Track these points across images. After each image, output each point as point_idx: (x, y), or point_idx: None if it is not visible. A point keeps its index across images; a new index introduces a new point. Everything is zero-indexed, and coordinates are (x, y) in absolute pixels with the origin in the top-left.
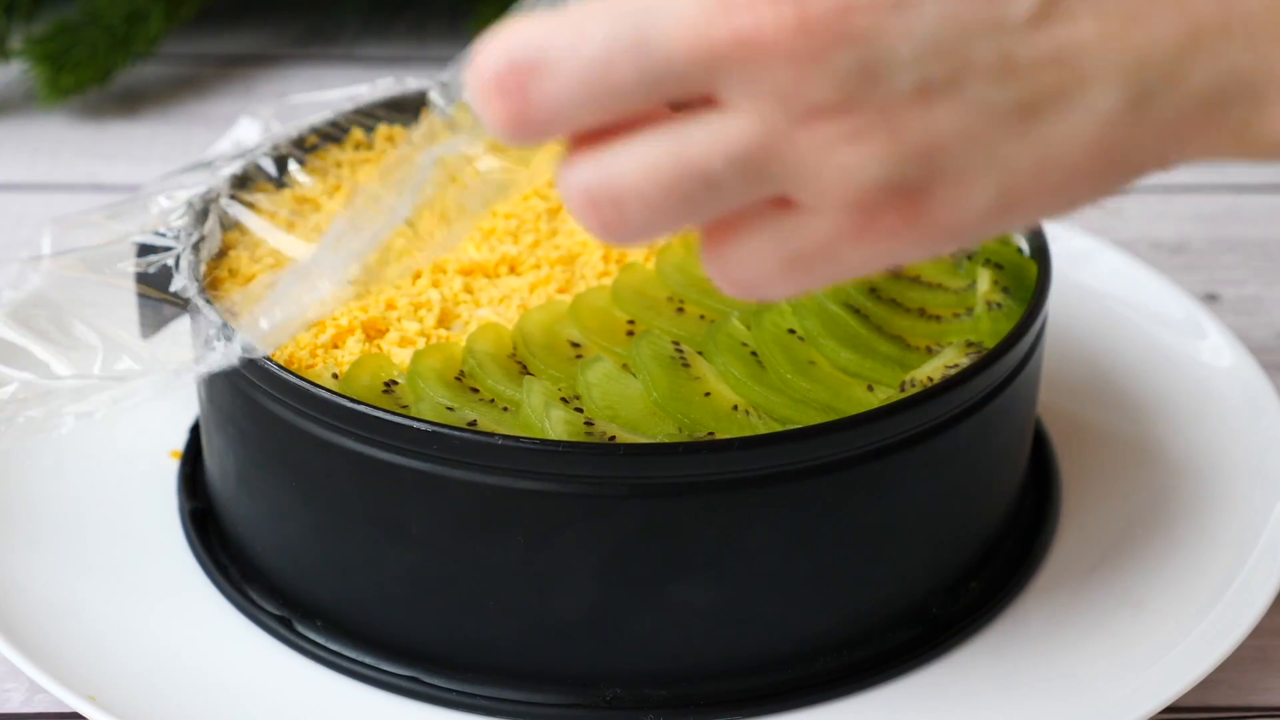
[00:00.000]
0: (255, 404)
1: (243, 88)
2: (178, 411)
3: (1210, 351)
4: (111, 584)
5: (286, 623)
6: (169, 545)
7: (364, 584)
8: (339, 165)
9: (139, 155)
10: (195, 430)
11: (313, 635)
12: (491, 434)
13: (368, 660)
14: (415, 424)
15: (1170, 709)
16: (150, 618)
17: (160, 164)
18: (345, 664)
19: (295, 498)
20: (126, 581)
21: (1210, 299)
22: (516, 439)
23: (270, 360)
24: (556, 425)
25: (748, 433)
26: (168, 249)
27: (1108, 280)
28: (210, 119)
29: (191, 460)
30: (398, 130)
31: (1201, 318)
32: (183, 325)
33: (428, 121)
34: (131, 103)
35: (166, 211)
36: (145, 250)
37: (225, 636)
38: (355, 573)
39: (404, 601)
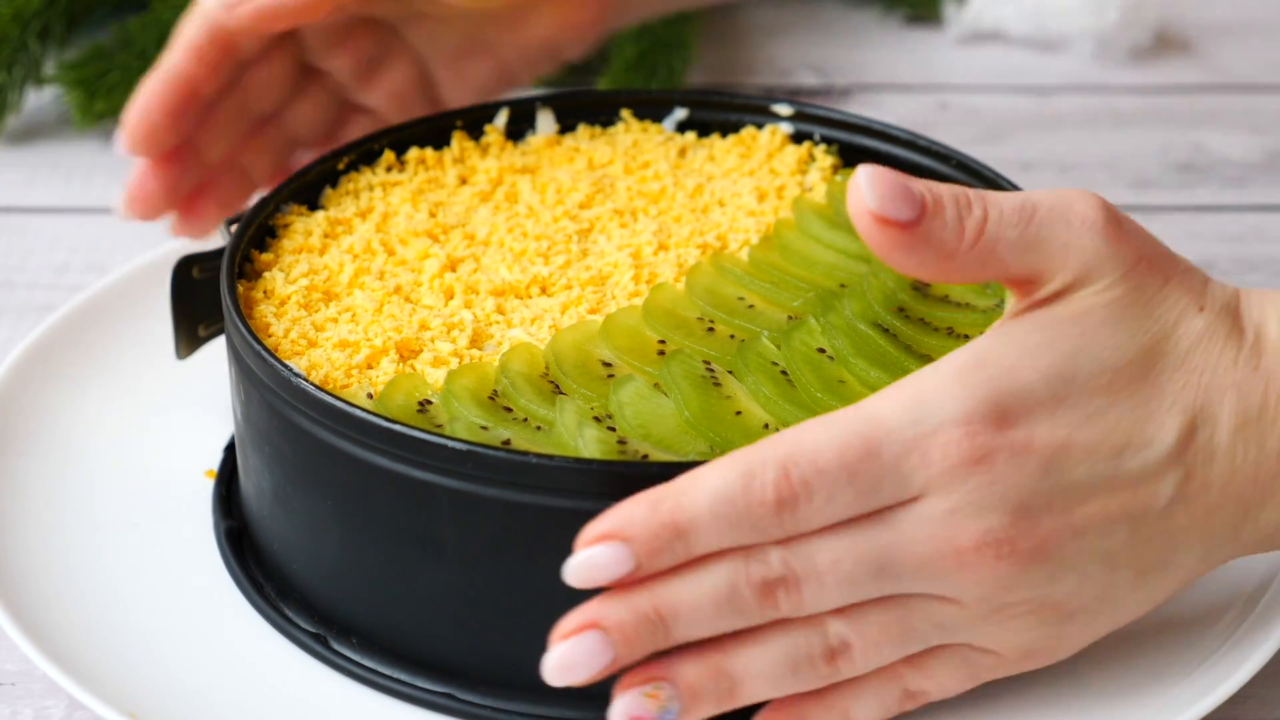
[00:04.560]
0: (292, 424)
1: None
2: (212, 432)
3: None
4: (149, 602)
5: (322, 640)
6: (205, 564)
7: (399, 601)
8: (371, 188)
9: None
10: (230, 450)
11: (348, 652)
12: (526, 453)
13: (403, 677)
14: (451, 443)
15: None
16: (188, 635)
17: None
18: (380, 681)
19: (331, 516)
20: (164, 599)
21: None
22: (550, 457)
23: (307, 381)
24: (590, 444)
25: None
26: (216, 262)
27: None
28: None
29: (226, 480)
30: (429, 153)
31: None
32: (220, 346)
33: (459, 145)
34: None
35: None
36: (188, 265)
37: (261, 653)
38: (390, 590)
39: (439, 618)
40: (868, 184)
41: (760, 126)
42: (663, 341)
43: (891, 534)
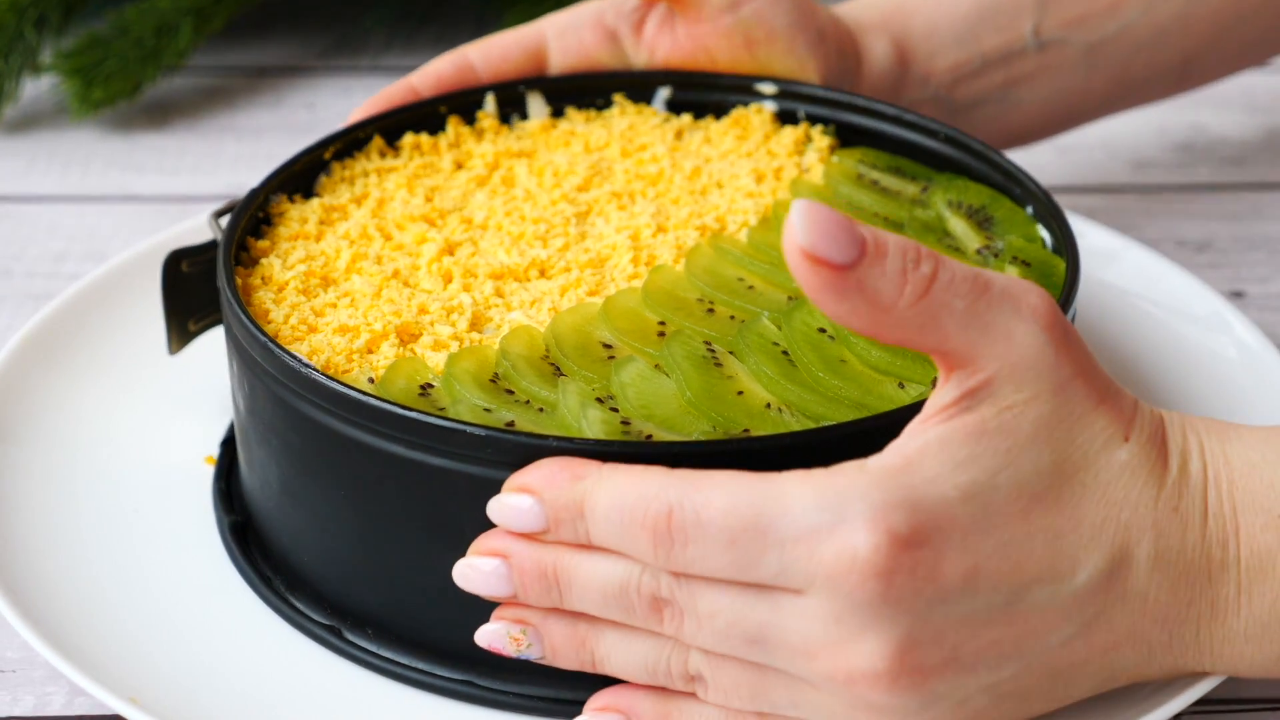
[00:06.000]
0: (300, 414)
1: (271, 99)
2: (211, 418)
3: (1237, 348)
4: (152, 592)
5: (336, 631)
6: (207, 552)
7: (415, 588)
8: (366, 174)
9: (169, 167)
10: (226, 445)
11: (363, 643)
12: (545, 436)
13: (421, 665)
14: (469, 428)
15: (1202, 702)
16: (191, 623)
17: (190, 175)
18: (398, 670)
19: (343, 506)
20: (164, 587)
21: (1236, 296)
22: (570, 440)
23: (317, 370)
24: (594, 425)
25: (781, 430)
26: (205, 256)
27: (1134, 278)
28: (239, 130)
29: (225, 474)
30: (424, 138)
31: (1228, 314)
32: (215, 335)
33: (454, 130)
34: (161, 115)
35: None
36: (177, 260)
37: (271, 645)
38: (406, 578)
39: (456, 604)
40: (800, 218)
41: (746, 105)
42: (663, 323)
43: (772, 614)
